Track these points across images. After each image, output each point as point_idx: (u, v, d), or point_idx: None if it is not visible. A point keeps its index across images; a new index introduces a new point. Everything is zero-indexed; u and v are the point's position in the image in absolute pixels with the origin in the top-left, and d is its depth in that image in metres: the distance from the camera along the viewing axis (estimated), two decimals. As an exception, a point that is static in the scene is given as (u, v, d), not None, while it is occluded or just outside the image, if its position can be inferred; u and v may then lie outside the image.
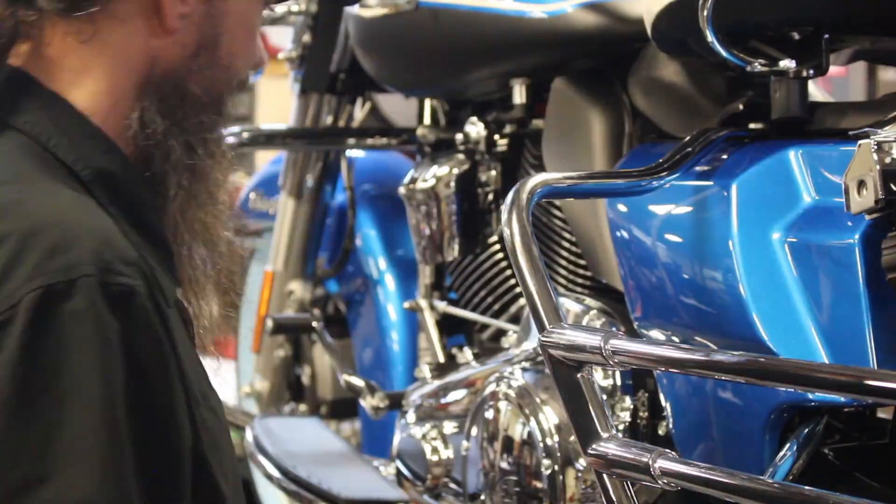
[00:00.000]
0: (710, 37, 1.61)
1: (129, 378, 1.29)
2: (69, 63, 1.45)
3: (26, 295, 1.25)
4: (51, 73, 1.45)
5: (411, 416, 2.21)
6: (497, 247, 2.23)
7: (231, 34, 1.50)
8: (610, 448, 1.50)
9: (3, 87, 1.44)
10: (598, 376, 1.80)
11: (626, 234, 1.81)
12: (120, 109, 1.45)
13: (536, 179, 1.69)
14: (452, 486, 2.10)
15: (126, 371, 1.28)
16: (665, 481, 1.46)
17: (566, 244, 2.04)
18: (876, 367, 1.46)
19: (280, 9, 2.57)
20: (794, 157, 1.62)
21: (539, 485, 1.86)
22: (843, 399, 1.49)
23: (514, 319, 2.17)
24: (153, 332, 1.32)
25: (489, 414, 1.96)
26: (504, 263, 2.22)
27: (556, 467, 1.83)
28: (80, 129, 1.43)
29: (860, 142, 1.44)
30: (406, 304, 2.40)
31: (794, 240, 1.58)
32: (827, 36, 1.67)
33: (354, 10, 2.18)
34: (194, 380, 1.41)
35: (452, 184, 2.23)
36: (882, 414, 1.57)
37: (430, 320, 2.31)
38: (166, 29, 1.44)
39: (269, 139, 2.70)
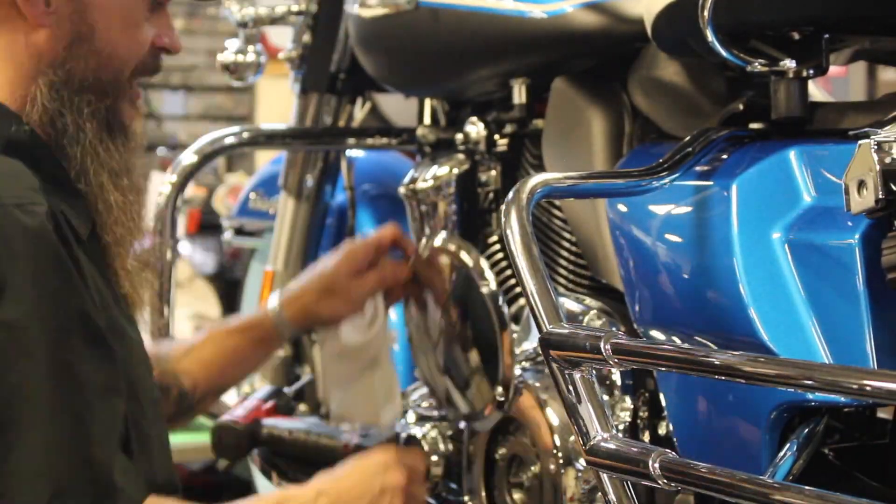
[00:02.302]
0: (710, 37, 1.61)
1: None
2: None
3: None
4: None
5: (411, 417, 2.22)
6: (497, 247, 2.23)
7: (105, 26, 1.71)
8: (610, 448, 1.50)
9: None
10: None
11: (626, 235, 1.81)
12: (21, 93, 1.69)
13: (536, 179, 1.70)
14: (452, 486, 2.10)
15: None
16: (665, 481, 1.46)
17: (566, 244, 2.05)
18: (876, 367, 1.47)
19: (280, 8, 2.57)
20: (795, 157, 1.62)
21: (539, 485, 1.87)
22: (843, 399, 1.49)
23: (515, 319, 2.16)
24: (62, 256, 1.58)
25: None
26: (504, 263, 2.22)
27: (556, 467, 1.84)
28: None
29: (860, 142, 1.45)
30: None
31: (794, 239, 1.58)
32: (827, 36, 1.67)
33: (354, 9, 2.18)
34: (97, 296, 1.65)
35: (452, 184, 2.23)
36: (882, 414, 1.58)
37: (429, 319, 2.31)
38: (35, 24, 1.67)
39: (269, 139, 2.70)
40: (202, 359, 2.22)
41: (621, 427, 1.80)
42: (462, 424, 2.05)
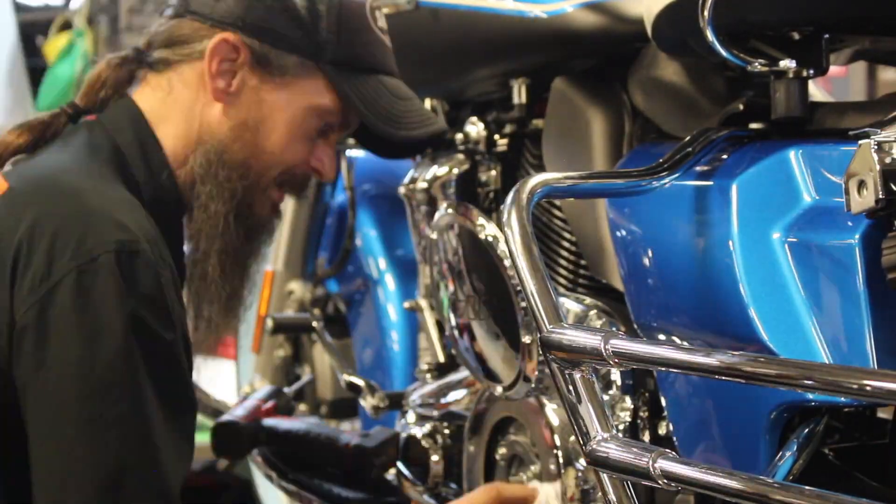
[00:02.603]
0: (710, 37, 1.61)
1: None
2: (156, 106, 1.84)
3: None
4: (149, 111, 1.84)
5: (411, 416, 2.22)
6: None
7: (273, 127, 1.81)
8: (610, 448, 1.50)
9: (127, 112, 1.84)
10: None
11: (626, 234, 1.81)
12: (182, 150, 1.82)
13: (536, 179, 1.70)
14: (453, 486, 2.10)
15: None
16: (665, 482, 1.46)
17: (566, 244, 2.05)
18: (876, 367, 1.47)
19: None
20: (795, 157, 1.63)
21: (539, 486, 1.86)
22: (843, 399, 1.50)
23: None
24: (172, 300, 1.66)
25: (489, 415, 1.96)
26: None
27: (556, 468, 1.84)
28: (153, 149, 1.81)
29: (860, 142, 1.45)
30: (406, 304, 2.41)
31: (795, 240, 1.58)
32: (827, 36, 1.67)
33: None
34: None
35: (452, 184, 2.23)
36: (882, 414, 1.58)
37: (430, 320, 2.31)
38: (214, 98, 1.80)
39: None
40: None
41: (621, 427, 1.80)
42: (488, 398, 2.04)
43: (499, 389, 1.86)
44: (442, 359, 2.29)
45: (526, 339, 1.72)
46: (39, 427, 1.62)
